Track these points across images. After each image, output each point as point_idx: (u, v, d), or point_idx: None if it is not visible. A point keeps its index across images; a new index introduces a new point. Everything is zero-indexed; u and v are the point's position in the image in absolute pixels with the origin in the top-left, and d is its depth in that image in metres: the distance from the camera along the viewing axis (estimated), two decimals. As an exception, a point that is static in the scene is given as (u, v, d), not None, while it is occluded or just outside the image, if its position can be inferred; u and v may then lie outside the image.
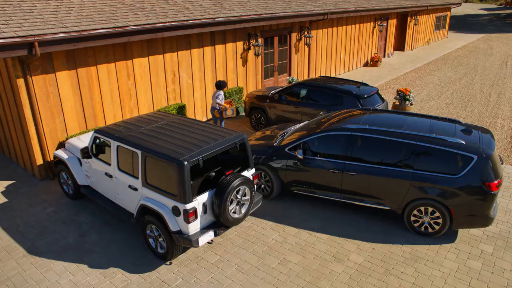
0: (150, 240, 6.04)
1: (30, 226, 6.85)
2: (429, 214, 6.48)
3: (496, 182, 6.05)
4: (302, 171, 7.23)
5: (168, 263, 5.94)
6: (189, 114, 11.23)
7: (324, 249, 6.27)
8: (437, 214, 6.39)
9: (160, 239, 5.86)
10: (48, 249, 6.24)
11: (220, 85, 9.56)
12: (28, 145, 8.23)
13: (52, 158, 8.36)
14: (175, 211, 5.47)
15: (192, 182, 5.41)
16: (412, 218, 6.62)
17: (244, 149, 6.23)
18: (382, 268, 5.85)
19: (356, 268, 5.86)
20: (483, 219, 6.20)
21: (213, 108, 9.74)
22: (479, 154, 6.15)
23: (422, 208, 6.49)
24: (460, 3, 32.46)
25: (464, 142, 6.32)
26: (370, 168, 6.69)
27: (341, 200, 7.08)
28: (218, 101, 9.53)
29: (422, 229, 6.60)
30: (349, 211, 7.31)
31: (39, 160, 8.21)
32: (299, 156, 7.08)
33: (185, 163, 5.27)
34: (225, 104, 9.69)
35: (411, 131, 6.63)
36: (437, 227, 6.48)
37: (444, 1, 28.73)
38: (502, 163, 6.79)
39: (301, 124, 8.43)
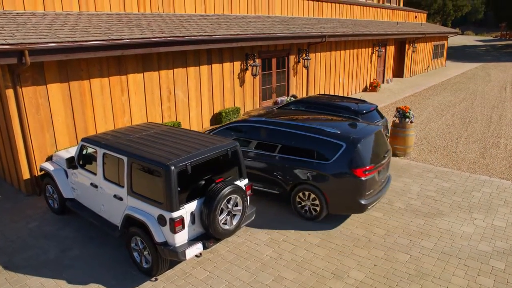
0: (135, 254, 5.62)
1: (9, 241, 6.44)
2: (309, 199, 6.94)
3: (362, 168, 6.40)
4: None
5: (153, 279, 5.50)
6: (185, 132, 10.98)
7: (322, 265, 5.82)
8: (315, 197, 6.83)
9: (145, 253, 5.44)
10: (26, 264, 5.81)
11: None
12: (15, 159, 7.94)
13: (39, 172, 8.04)
14: (161, 220, 5.10)
15: (179, 189, 5.07)
16: (297, 204, 7.11)
17: (237, 157, 5.92)
18: (385, 285, 5.38)
19: (356, 285, 5.39)
20: (355, 205, 6.57)
21: None
22: (347, 141, 6.60)
23: (304, 193, 6.96)
24: (457, 33, 33.05)
25: (339, 132, 6.81)
26: (261, 155, 7.38)
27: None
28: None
29: (306, 213, 7.05)
30: (348, 226, 6.89)
31: (26, 175, 7.89)
32: None
33: (172, 168, 4.97)
34: None
35: (296, 123, 7.26)
36: (317, 210, 6.90)
37: (440, 29, 29.24)
38: (385, 156, 7.05)
39: None
